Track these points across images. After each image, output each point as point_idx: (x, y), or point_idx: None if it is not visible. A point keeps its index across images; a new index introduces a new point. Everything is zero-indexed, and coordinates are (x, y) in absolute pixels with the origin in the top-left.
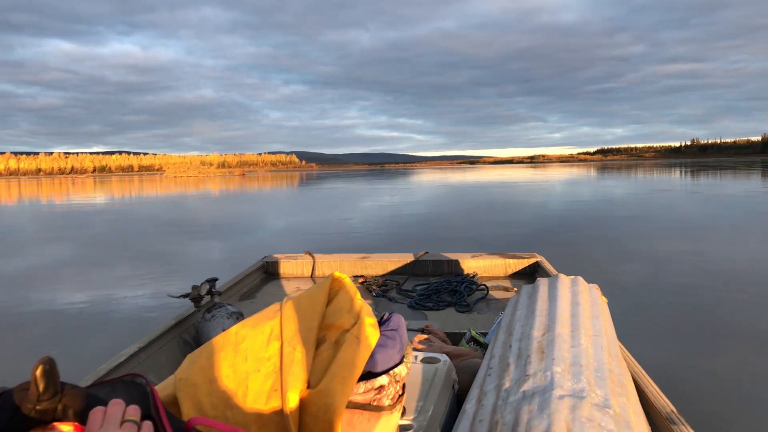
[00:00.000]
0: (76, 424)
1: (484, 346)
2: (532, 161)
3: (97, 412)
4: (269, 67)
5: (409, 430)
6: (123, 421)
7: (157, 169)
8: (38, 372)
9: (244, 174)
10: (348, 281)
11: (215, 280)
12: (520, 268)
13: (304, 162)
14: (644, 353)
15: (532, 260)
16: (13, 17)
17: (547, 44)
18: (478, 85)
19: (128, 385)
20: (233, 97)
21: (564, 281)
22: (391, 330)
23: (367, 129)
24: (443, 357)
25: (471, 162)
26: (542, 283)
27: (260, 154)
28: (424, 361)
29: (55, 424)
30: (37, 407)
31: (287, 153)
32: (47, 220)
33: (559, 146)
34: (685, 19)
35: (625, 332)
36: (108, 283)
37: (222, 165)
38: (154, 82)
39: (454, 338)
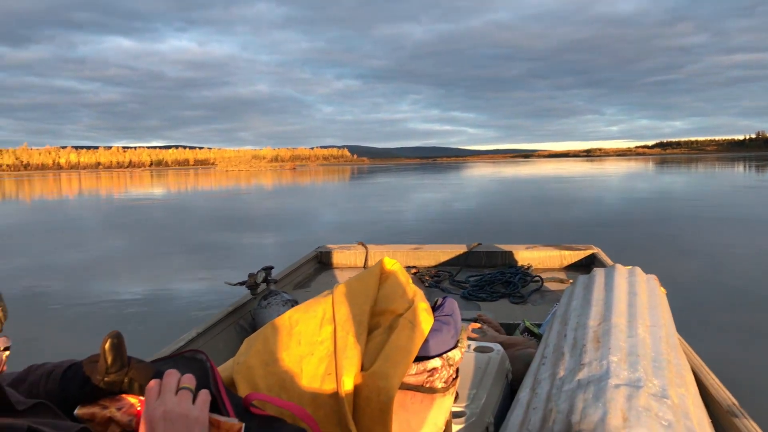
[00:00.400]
0: (141, 398)
1: (538, 337)
2: (588, 155)
3: (153, 384)
4: (322, 62)
5: (462, 416)
6: (179, 389)
7: (212, 163)
8: (107, 345)
9: (294, 168)
10: (399, 267)
11: (271, 268)
12: (576, 259)
13: (355, 156)
14: (704, 347)
15: (589, 252)
16: (75, 15)
17: (604, 35)
18: (532, 78)
19: (189, 360)
20: (287, 92)
21: (621, 271)
22: (446, 315)
23: (419, 123)
24: (497, 346)
25: (525, 156)
26: (598, 273)
27: (312, 148)
28: (477, 350)
29: (122, 395)
30: (106, 379)
31: (339, 147)
32: (107, 212)
33: (616, 139)
34: (750, 7)
35: (685, 325)
36: (166, 273)
37: (275, 159)
38: (211, 78)
39: (508, 329)
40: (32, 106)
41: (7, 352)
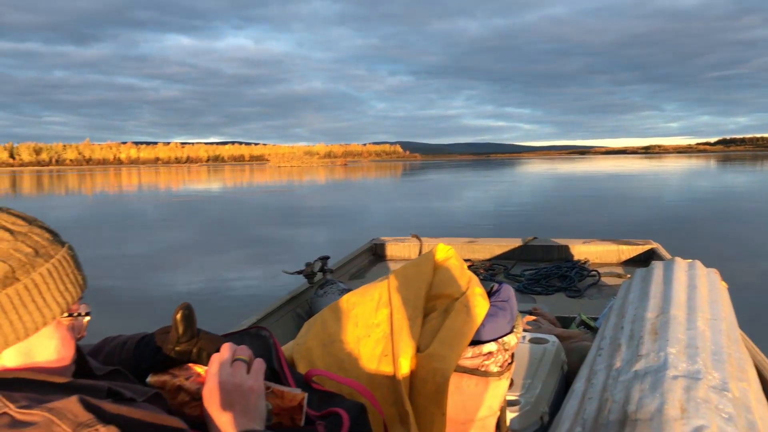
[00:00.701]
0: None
1: (594, 331)
2: (647, 152)
3: (214, 358)
4: (376, 58)
5: (516, 404)
6: (233, 361)
7: (266, 159)
8: (179, 316)
9: (346, 164)
10: (453, 253)
11: (327, 258)
12: (634, 254)
13: (407, 152)
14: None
15: (648, 247)
16: (137, 14)
17: (664, 29)
18: (590, 73)
19: (253, 337)
20: (341, 89)
21: (680, 265)
22: (502, 301)
23: (472, 118)
24: (552, 338)
25: (581, 152)
26: (657, 266)
27: (365, 144)
28: (533, 341)
29: (191, 365)
30: (177, 348)
31: (392, 143)
32: (166, 206)
33: (675, 136)
34: None
35: (748, 322)
36: (224, 264)
37: (327, 155)
38: (267, 75)
39: (564, 323)
40: (96, 103)
41: (88, 317)
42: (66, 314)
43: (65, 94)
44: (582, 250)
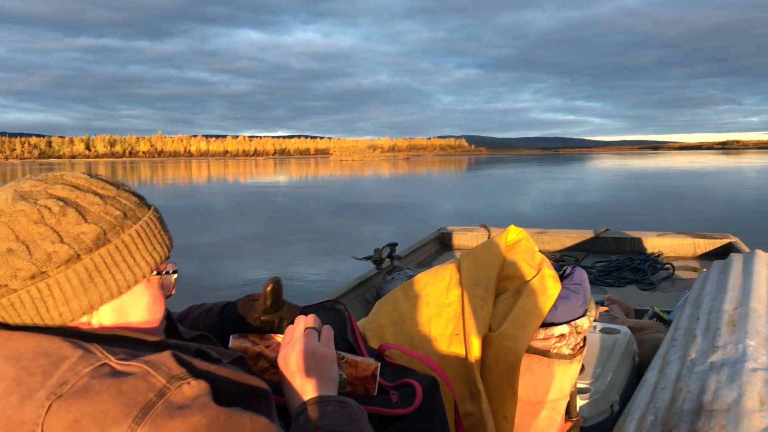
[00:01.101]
0: None
1: (667, 324)
2: (724, 147)
3: (288, 328)
4: (443, 52)
5: (586, 392)
6: (305, 330)
7: (329, 153)
8: (269, 288)
9: (408, 158)
10: (525, 234)
11: (395, 244)
12: (711, 248)
13: (473, 146)
14: None
15: (725, 241)
16: (209, 10)
17: (744, 19)
18: (664, 66)
19: (329, 310)
20: (407, 82)
21: (761, 257)
22: (575, 284)
23: (540, 112)
24: (624, 329)
25: (654, 147)
26: (736, 258)
27: (429, 138)
28: (604, 331)
29: (272, 335)
30: (262, 318)
31: (457, 137)
32: (238, 197)
33: (756, 131)
34: None
35: None
36: (292, 252)
37: (392, 149)
38: (334, 69)
39: (636, 315)
40: (169, 97)
41: (176, 275)
42: (155, 272)
43: (140, 88)
44: (656, 243)
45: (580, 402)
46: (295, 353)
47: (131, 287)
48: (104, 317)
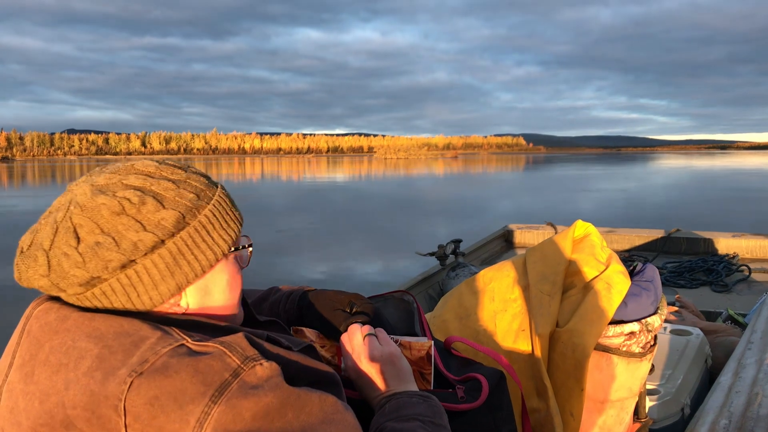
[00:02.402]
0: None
1: (743, 327)
2: None
3: (344, 339)
4: (503, 48)
5: (656, 394)
6: (364, 338)
7: (370, 151)
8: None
9: (456, 156)
10: (593, 229)
11: (459, 241)
12: None
13: (531, 144)
14: None
15: None
16: (269, 8)
17: None
18: (734, 62)
19: (398, 301)
20: (465, 80)
21: None
22: (646, 281)
23: (603, 110)
24: (696, 330)
25: (722, 147)
26: None
27: (486, 136)
28: (674, 332)
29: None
30: (344, 323)
31: (516, 135)
32: (285, 194)
33: None
34: None
35: None
36: (357, 249)
37: (447, 147)
38: (392, 67)
39: (709, 317)
40: (231, 95)
41: (251, 248)
42: (233, 248)
43: (203, 86)
44: (731, 244)
45: (650, 403)
46: (365, 359)
47: (213, 266)
48: (191, 297)
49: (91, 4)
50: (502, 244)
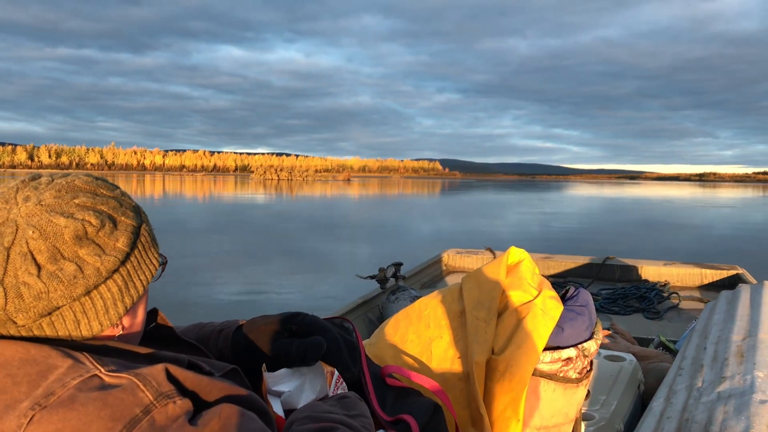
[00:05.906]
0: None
1: (674, 354)
2: (701, 179)
3: None
4: (424, 75)
5: (591, 419)
6: None
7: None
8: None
9: (349, 180)
10: (527, 255)
11: (400, 264)
12: (718, 278)
13: (447, 169)
14: None
15: (732, 272)
16: (191, 25)
17: (721, 54)
18: (642, 97)
19: (338, 327)
20: (388, 104)
21: None
22: (580, 306)
23: (520, 139)
24: (629, 356)
25: (631, 177)
26: (744, 289)
27: (402, 160)
28: (609, 358)
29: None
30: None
31: (434, 160)
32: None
33: (730, 164)
34: None
35: None
36: (288, 271)
37: (362, 169)
38: (316, 88)
39: (641, 344)
40: (149, 110)
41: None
42: (162, 264)
43: (119, 101)
44: (662, 272)
45: (585, 428)
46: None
47: (150, 282)
48: (125, 320)
49: (1, 12)
50: (442, 268)
